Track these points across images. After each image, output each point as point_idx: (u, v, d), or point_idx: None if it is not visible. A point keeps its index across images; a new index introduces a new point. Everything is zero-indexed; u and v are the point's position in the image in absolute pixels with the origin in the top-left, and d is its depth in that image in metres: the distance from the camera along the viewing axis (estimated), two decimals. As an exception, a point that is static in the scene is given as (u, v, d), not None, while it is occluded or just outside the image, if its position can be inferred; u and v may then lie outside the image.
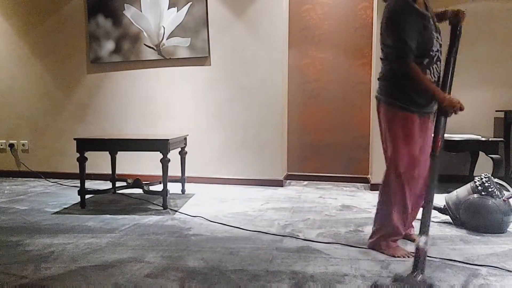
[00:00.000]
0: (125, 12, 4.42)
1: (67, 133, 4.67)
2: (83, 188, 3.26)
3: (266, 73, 4.22)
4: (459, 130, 4.05)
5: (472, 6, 4.01)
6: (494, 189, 2.61)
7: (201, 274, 1.95)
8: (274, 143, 4.27)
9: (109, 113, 4.62)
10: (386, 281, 1.85)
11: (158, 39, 4.39)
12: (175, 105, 4.46)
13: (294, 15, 4.55)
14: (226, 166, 4.37)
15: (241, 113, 4.31)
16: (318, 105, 4.61)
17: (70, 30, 4.65)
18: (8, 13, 4.78)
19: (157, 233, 2.59)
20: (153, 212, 3.14)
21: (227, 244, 2.38)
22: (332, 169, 4.61)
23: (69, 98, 4.71)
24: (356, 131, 4.52)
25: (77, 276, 1.93)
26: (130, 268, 2.02)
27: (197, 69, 4.38)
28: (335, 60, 4.53)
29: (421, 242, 1.79)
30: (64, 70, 4.70)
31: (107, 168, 3.91)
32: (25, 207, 3.33)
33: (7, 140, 4.88)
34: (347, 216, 3.05)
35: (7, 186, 4.28)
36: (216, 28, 4.29)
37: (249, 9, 4.22)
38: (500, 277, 1.90)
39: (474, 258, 2.14)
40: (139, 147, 3.31)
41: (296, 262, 2.09)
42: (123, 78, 4.57)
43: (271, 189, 4.09)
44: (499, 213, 2.55)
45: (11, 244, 2.38)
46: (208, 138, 4.39)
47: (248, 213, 3.14)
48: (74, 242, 2.42)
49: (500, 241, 2.45)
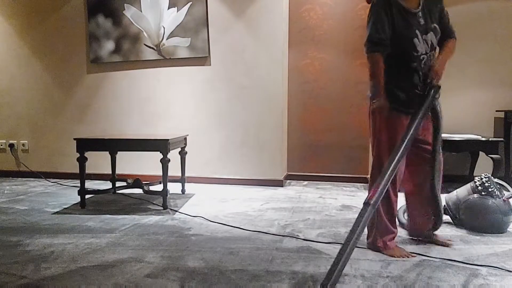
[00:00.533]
0: (125, 12, 4.42)
1: (67, 133, 4.67)
2: (83, 188, 3.26)
3: (266, 73, 4.22)
4: (459, 130, 4.05)
5: (472, 6, 4.02)
6: (494, 189, 2.61)
7: (201, 274, 1.95)
8: (274, 143, 4.27)
9: (109, 113, 4.62)
10: (386, 281, 1.85)
11: (158, 39, 4.39)
12: (175, 105, 4.46)
13: (294, 15, 4.55)
14: (226, 166, 4.37)
15: (241, 113, 4.31)
16: (318, 105, 4.61)
17: (70, 30, 4.65)
18: (8, 13, 4.78)
19: (157, 233, 2.59)
20: (153, 212, 3.14)
21: (227, 244, 2.38)
22: (332, 169, 4.61)
23: (69, 98, 4.72)
24: (356, 131, 4.52)
25: (77, 276, 1.93)
26: (130, 268, 2.02)
27: (197, 69, 4.38)
28: (335, 60, 4.53)
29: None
30: (64, 70, 4.71)
31: (107, 168, 3.92)
32: (25, 207, 3.33)
33: (7, 140, 4.89)
34: (347, 216, 3.05)
35: (7, 186, 4.28)
36: (216, 28, 4.29)
37: (249, 9, 4.22)
38: (500, 277, 1.90)
39: (474, 258, 2.14)
40: (139, 147, 3.31)
41: (296, 262, 2.09)
42: (123, 78, 4.57)
43: (271, 189, 4.10)
44: (499, 213, 2.55)
45: (11, 244, 2.38)
46: (208, 138, 4.39)
47: (248, 213, 3.14)
48: (74, 242, 2.42)
49: (500, 241, 2.45)
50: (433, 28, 2.10)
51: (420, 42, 2.06)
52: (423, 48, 2.07)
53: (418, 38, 2.05)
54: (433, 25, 2.10)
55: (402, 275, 1.92)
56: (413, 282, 1.85)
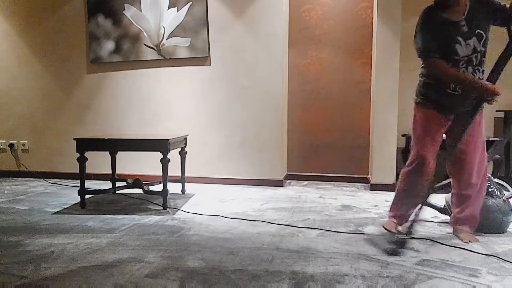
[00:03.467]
0: (125, 12, 4.42)
1: (67, 133, 4.67)
2: (83, 188, 3.26)
3: (266, 73, 4.22)
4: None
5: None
6: (494, 189, 2.61)
7: (201, 274, 1.95)
8: (274, 143, 4.27)
9: (109, 113, 4.62)
10: (386, 281, 1.85)
11: (158, 39, 4.39)
12: (175, 105, 4.46)
13: (294, 15, 4.55)
14: (226, 166, 4.37)
15: (241, 113, 4.31)
16: (318, 105, 4.61)
17: (70, 30, 4.65)
18: (8, 13, 4.78)
19: (157, 233, 2.59)
20: (153, 212, 3.14)
21: (227, 244, 2.38)
22: (332, 169, 4.62)
23: (69, 98, 4.72)
24: (356, 131, 4.52)
25: (77, 276, 1.93)
26: (130, 268, 2.02)
27: (197, 69, 4.38)
28: (335, 60, 4.54)
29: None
30: (64, 70, 4.71)
31: (107, 168, 3.92)
32: (25, 207, 3.33)
33: (7, 140, 4.89)
34: (347, 216, 3.05)
35: (7, 186, 4.28)
36: (216, 28, 4.29)
37: (249, 9, 4.22)
38: (500, 277, 1.90)
39: (474, 258, 2.15)
40: (139, 147, 3.31)
41: (296, 262, 2.09)
42: (123, 78, 4.57)
43: (271, 189, 4.10)
44: (499, 213, 2.55)
45: (11, 244, 2.38)
46: (208, 138, 4.39)
47: (248, 213, 3.14)
48: (74, 242, 2.42)
49: (500, 241, 2.45)
50: (477, 34, 2.29)
51: (462, 47, 2.29)
52: (465, 52, 2.30)
53: (460, 44, 2.28)
54: (477, 31, 2.29)
55: (402, 275, 1.92)
56: (413, 282, 1.85)
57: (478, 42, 2.31)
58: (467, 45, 2.29)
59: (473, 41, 2.29)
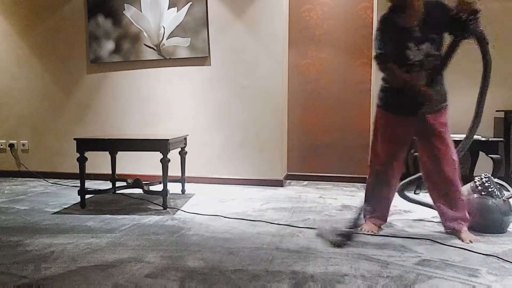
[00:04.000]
0: (125, 12, 4.42)
1: (67, 133, 4.66)
2: (83, 188, 3.26)
3: (266, 73, 4.22)
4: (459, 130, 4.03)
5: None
6: (494, 189, 2.61)
7: (201, 274, 1.95)
8: (274, 143, 4.27)
9: (109, 113, 4.62)
10: (386, 281, 1.85)
11: (158, 39, 4.39)
12: (175, 105, 4.46)
13: (294, 15, 4.55)
14: (226, 166, 4.37)
15: (241, 113, 4.31)
16: (318, 105, 4.61)
17: (70, 30, 4.65)
18: (8, 13, 4.78)
19: (157, 233, 2.59)
20: (153, 212, 3.14)
21: (227, 244, 2.38)
22: (332, 169, 4.61)
23: (69, 98, 4.72)
24: (356, 131, 4.52)
25: (77, 276, 1.93)
26: (130, 268, 2.02)
27: (197, 69, 4.38)
28: (335, 60, 4.53)
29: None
30: (64, 70, 4.71)
31: (107, 168, 3.91)
32: (25, 207, 3.33)
33: (7, 140, 4.89)
34: (347, 216, 3.04)
35: (7, 186, 4.28)
36: (216, 28, 4.29)
37: (249, 9, 4.22)
38: (500, 277, 1.90)
39: (474, 258, 2.15)
40: (139, 147, 3.31)
41: (296, 262, 2.09)
42: (123, 78, 4.57)
43: (271, 189, 4.10)
44: (499, 213, 2.55)
45: (11, 244, 2.38)
46: (208, 138, 4.39)
47: (248, 213, 3.14)
48: (74, 242, 2.42)
49: (500, 241, 2.45)
50: (430, 38, 2.35)
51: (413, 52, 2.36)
52: (417, 57, 2.37)
53: (411, 49, 2.35)
54: (430, 36, 2.35)
55: (402, 275, 1.92)
56: (413, 282, 1.85)
57: (431, 46, 2.37)
58: (420, 50, 2.35)
59: (426, 46, 2.35)
